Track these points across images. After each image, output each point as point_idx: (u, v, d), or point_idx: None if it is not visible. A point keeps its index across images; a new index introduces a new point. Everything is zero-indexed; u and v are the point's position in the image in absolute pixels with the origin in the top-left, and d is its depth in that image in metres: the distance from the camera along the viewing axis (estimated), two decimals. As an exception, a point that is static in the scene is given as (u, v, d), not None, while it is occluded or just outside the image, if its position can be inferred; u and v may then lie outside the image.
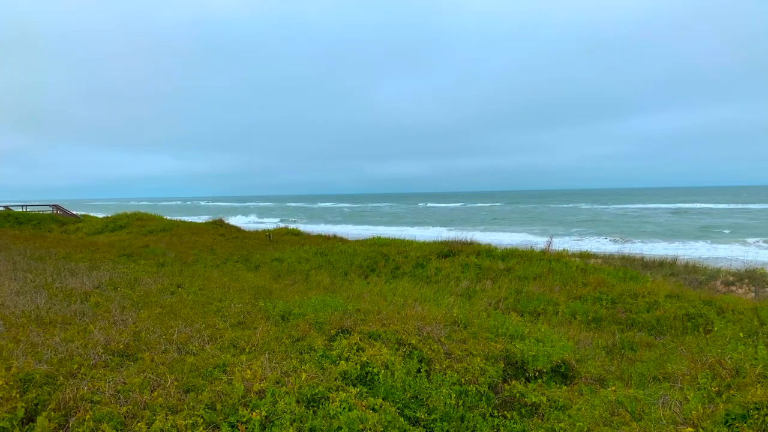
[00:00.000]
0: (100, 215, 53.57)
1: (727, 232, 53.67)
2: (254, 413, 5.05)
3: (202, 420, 4.96)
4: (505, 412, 6.81)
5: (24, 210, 49.76)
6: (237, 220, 64.91)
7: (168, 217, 44.42)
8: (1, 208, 48.79)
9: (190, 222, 41.56)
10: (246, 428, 4.92)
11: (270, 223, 68.61)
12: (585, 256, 24.02)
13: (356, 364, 6.63)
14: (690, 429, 4.56)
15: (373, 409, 5.68)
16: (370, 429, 5.19)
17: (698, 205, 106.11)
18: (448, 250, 21.21)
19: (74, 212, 54.25)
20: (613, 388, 7.14)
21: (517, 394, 7.18)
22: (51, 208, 51.15)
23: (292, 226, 46.66)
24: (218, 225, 37.28)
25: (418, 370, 6.99)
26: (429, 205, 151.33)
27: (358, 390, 6.02)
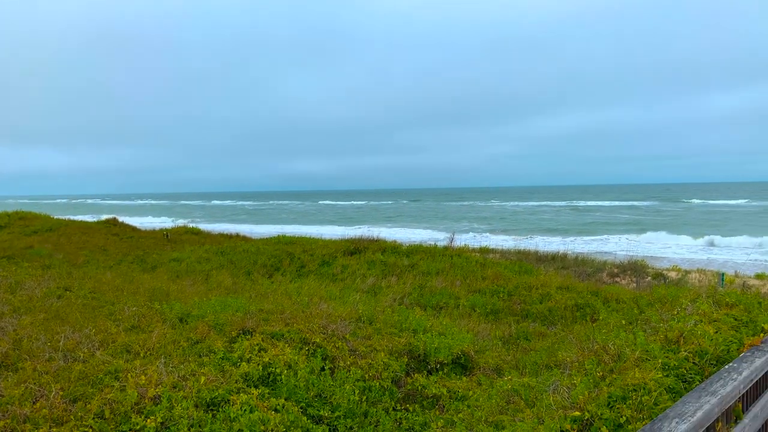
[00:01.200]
0: (-25, 215, 49.00)
1: (624, 227, 57.75)
2: (149, 420, 4.83)
3: (91, 430, 4.68)
4: (408, 405, 6.95)
5: None
6: (132, 219, 61.66)
7: (55, 216, 41.40)
8: None
9: (80, 221, 38.99)
10: (140, 437, 4.70)
11: (168, 222, 65.74)
12: (484, 251, 25.01)
13: (258, 365, 6.51)
14: (577, 413, 4.84)
15: (276, 410, 5.61)
16: (272, 430, 5.12)
17: (590, 203, 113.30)
18: (354, 248, 21.29)
19: (-56, 211, 49.27)
20: (509, 377, 7.48)
21: (419, 387, 7.35)
22: None
23: (191, 224, 45.00)
24: (111, 224, 35.25)
25: (322, 368, 6.97)
26: (337, 202, 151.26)
27: (260, 391, 5.92)
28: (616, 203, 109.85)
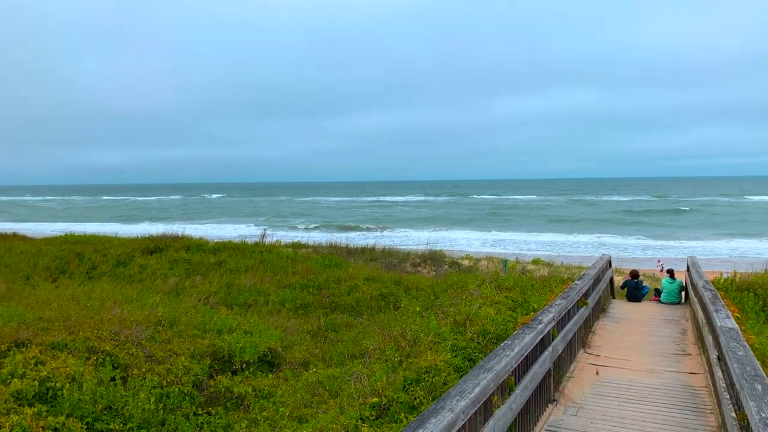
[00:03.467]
0: None
1: (428, 221, 61.75)
2: None
3: None
4: (211, 408, 6.68)
5: None
6: None
7: None
8: None
9: None
10: None
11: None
12: (297, 246, 25.00)
13: (34, 380, 5.79)
14: (375, 399, 5.04)
15: (55, 429, 5.03)
16: (48, 453, 4.57)
17: (398, 198, 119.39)
18: (154, 246, 19.96)
19: None
20: (314, 369, 7.57)
21: (223, 389, 7.12)
22: None
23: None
24: None
25: (113, 378, 6.42)
26: (139, 197, 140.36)
27: (35, 410, 5.27)
28: (423, 198, 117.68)
